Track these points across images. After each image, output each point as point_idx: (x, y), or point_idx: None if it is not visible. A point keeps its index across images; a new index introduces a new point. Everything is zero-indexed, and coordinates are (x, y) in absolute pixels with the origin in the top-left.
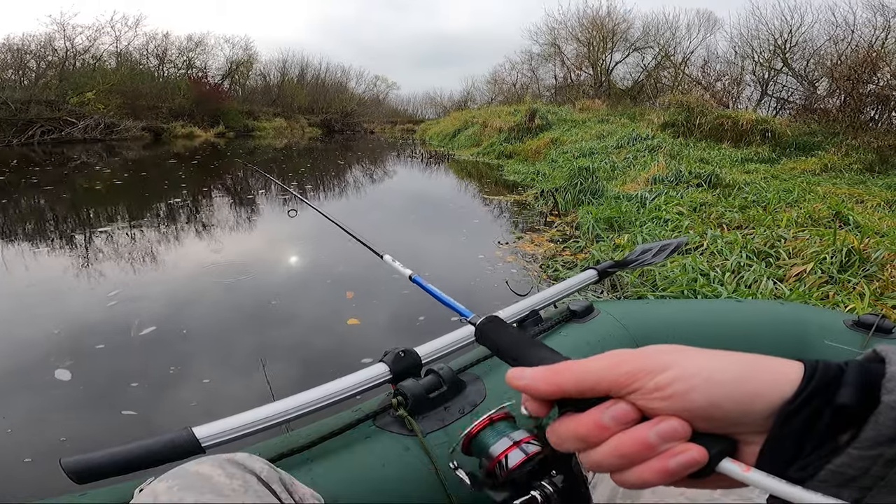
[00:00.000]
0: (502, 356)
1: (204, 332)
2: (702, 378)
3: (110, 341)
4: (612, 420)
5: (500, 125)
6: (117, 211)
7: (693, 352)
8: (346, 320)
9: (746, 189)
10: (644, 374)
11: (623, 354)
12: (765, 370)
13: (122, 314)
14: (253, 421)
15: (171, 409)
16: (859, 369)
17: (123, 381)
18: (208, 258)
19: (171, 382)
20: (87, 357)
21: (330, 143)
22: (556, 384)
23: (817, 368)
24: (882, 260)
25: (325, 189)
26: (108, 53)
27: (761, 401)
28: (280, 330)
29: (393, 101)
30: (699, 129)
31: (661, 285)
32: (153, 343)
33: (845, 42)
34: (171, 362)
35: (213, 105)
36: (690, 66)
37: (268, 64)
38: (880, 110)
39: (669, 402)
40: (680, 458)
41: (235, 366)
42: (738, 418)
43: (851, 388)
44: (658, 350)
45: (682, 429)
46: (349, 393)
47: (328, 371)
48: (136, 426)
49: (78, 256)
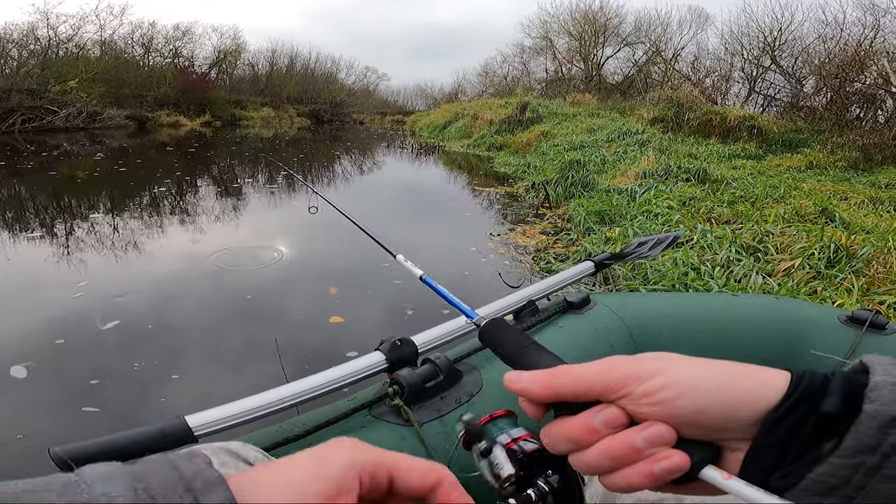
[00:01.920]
0: (503, 358)
1: (175, 326)
2: (689, 385)
3: (73, 336)
4: (602, 423)
5: (490, 117)
6: (85, 202)
7: (682, 359)
8: (329, 318)
9: (734, 184)
10: (634, 379)
11: (615, 360)
12: (751, 378)
13: (87, 307)
14: (246, 409)
15: (139, 406)
16: (844, 379)
17: (84, 377)
18: (193, 249)
19: (136, 378)
20: (47, 353)
21: (318, 134)
22: (551, 388)
23: (803, 377)
24: (868, 256)
25: (314, 180)
26: (92, 42)
27: (747, 408)
28: (256, 326)
29: (383, 92)
30: (688, 125)
31: (652, 279)
32: (118, 337)
33: (834, 41)
34: (138, 357)
35: (199, 94)
36: (681, 61)
37: (256, 53)
38: (866, 109)
39: (658, 408)
40: (663, 463)
41: (207, 359)
42: (723, 425)
43: (836, 397)
44: (649, 357)
45: (668, 434)
46: (345, 382)
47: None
48: (98, 423)
49: (49, 247)
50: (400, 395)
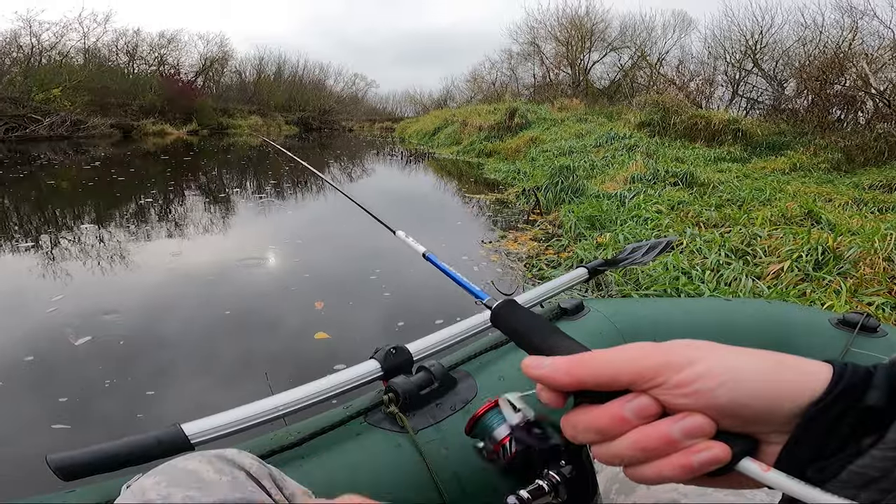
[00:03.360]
0: (519, 342)
1: (151, 342)
2: (729, 376)
3: (44, 352)
4: (633, 413)
5: (479, 124)
6: (63, 214)
7: (719, 348)
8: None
9: (721, 188)
10: (668, 369)
11: (647, 348)
12: (793, 369)
13: (59, 323)
14: (243, 417)
15: (113, 422)
16: (888, 372)
17: (54, 394)
18: (174, 262)
19: (109, 395)
20: (15, 369)
21: (307, 142)
22: (575, 376)
23: (846, 369)
24: (855, 257)
25: (303, 188)
26: (76, 50)
27: (790, 400)
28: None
29: (372, 100)
30: (674, 129)
31: (644, 283)
32: (92, 353)
33: (813, 43)
34: (111, 374)
35: (185, 102)
36: (665, 66)
37: (244, 61)
38: (846, 110)
39: (694, 399)
40: (703, 454)
41: (187, 375)
42: (764, 417)
43: (880, 391)
44: (684, 345)
45: (707, 426)
46: (340, 390)
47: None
48: (69, 440)
49: (23, 260)
50: (395, 403)
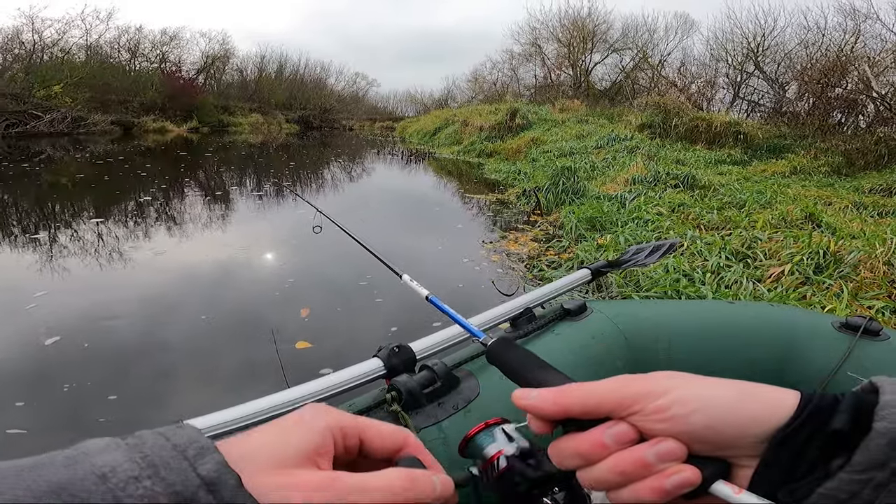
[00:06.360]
0: (511, 376)
1: (125, 343)
2: (701, 402)
3: (12, 350)
4: (612, 439)
5: (480, 124)
6: (57, 209)
7: (692, 378)
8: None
9: (721, 190)
10: (646, 397)
11: (628, 378)
12: (762, 397)
13: (33, 322)
14: (246, 414)
15: (73, 426)
16: (854, 398)
17: (9, 397)
18: (162, 261)
19: (69, 398)
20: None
21: (308, 140)
22: (561, 405)
23: (813, 397)
24: (855, 261)
25: (304, 187)
26: (78, 47)
27: (758, 425)
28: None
29: (373, 99)
30: (675, 131)
31: (644, 285)
32: (62, 355)
33: (816, 46)
34: (75, 376)
35: (186, 100)
36: (667, 67)
37: (245, 59)
38: (847, 114)
39: (669, 424)
40: (675, 477)
41: (153, 379)
42: (733, 441)
43: (846, 415)
44: (662, 376)
45: (678, 450)
46: (343, 388)
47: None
48: (23, 446)
49: (17, 254)
50: (398, 401)
